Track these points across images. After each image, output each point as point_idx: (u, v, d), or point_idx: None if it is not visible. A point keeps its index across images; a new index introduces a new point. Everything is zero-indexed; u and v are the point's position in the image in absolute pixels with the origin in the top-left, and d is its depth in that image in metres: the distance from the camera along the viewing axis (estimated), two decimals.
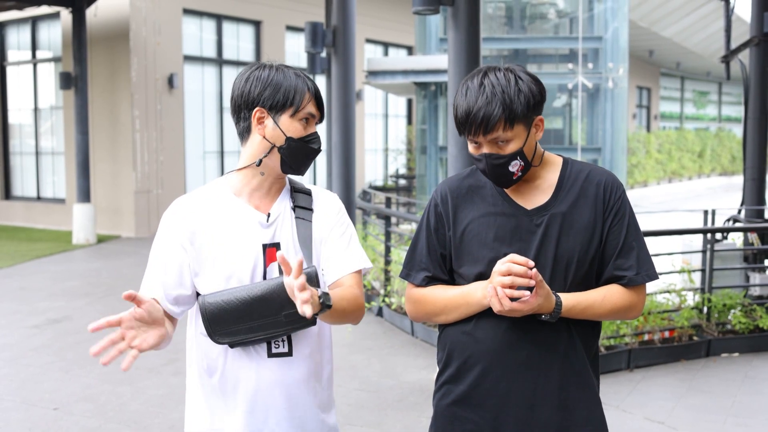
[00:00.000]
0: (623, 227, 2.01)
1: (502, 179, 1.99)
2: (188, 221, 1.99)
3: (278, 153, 1.99)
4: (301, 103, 1.98)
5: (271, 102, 1.97)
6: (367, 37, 18.74)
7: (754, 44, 7.55)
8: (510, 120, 1.92)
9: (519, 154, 1.95)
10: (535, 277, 1.84)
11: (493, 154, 1.95)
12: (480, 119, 1.91)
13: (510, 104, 1.91)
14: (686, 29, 24.54)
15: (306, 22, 8.78)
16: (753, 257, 7.17)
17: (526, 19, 15.25)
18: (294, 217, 2.04)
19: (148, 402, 5.12)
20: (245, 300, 1.91)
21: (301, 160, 2.01)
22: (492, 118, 1.91)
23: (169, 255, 1.98)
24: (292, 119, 1.98)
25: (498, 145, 1.95)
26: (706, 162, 29.93)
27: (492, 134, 1.93)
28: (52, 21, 14.61)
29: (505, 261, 1.87)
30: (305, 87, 2.00)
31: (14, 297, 8.44)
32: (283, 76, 1.99)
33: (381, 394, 5.28)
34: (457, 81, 5.42)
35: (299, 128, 1.99)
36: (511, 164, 1.95)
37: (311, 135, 2.01)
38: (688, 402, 5.11)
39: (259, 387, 1.97)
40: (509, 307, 1.86)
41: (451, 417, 2.05)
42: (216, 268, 1.96)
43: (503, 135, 1.93)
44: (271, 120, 1.98)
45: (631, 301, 2.01)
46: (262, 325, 1.92)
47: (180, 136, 14.09)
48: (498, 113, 1.90)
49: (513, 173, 1.97)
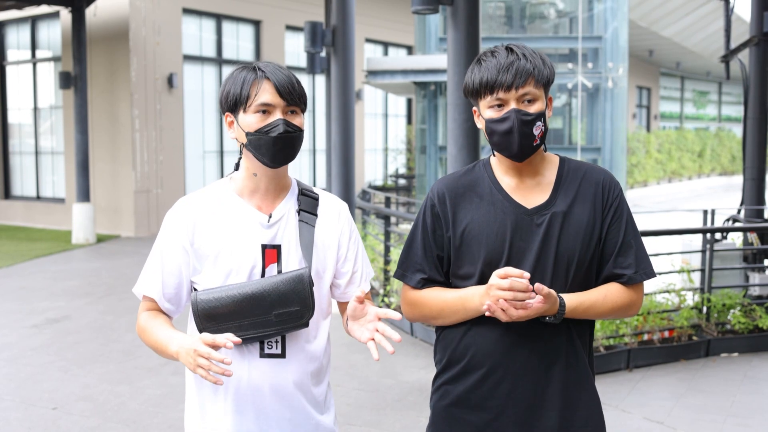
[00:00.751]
0: (622, 226, 2.02)
1: (524, 141, 1.95)
2: (190, 221, 1.99)
3: (248, 150, 1.99)
4: (250, 96, 1.95)
5: (229, 104, 1.99)
6: (366, 37, 18.74)
7: (754, 44, 7.54)
8: (539, 78, 1.95)
9: (542, 116, 1.96)
10: (540, 290, 1.84)
11: (521, 110, 1.94)
12: (515, 71, 1.93)
13: (541, 63, 1.97)
14: (686, 29, 24.53)
15: (305, 21, 8.78)
16: (752, 257, 7.17)
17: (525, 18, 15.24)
18: (298, 220, 2.03)
19: (147, 401, 5.12)
20: (236, 298, 1.91)
21: (272, 152, 1.96)
22: (527, 71, 1.93)
23: (170, 255, 2.00)
24: (246, 114, 1.97)
25: (525, 103, 1.95)
26: (705, 162, 29.92)
27: (524, 88, 1.94)
28: (52, 20, 14.61)
29: (502, 274, 1.86)
30: (253, 78, 1.96)
31: (14, 297, 8.44)
32: (240, 74, 1.98)
33: (380, 393, 5.28)
34: (457, 81, 5.42)
35: (254, 121, 1.96)
36: (536, 125, 1.95)
37: (269, 124, 1.95)
38: (687, 402, 5.10)
39: (250, 387, 1.98)
40: (517, 316, 1.87)
41: (450, 418, 2.05)
42: (216, 267, 1.97)
43: (533, 91, 1.94)
44: (235, 121, 2.00)
45: (631, 299, 2.02)
46: (252, 324, 1.92)
47: (179, 135, 14.09)
48: (531, 67, 1.94)
49: (535, 137, 1.96)
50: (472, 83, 1.99)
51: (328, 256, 2.07)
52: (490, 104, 1.97)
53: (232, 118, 2.00)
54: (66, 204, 14.30)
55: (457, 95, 5.42)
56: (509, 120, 1.93)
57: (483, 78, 1.95)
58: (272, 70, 1.97)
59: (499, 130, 1.95)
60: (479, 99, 1.99)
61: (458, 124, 5.42)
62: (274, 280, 1.93)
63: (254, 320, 1.92)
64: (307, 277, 1.94)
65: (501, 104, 1.95)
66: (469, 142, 5.42)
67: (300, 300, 1.94)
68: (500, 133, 1.95)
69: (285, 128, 1.95)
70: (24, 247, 11.90)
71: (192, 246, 1.98)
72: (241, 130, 1.97)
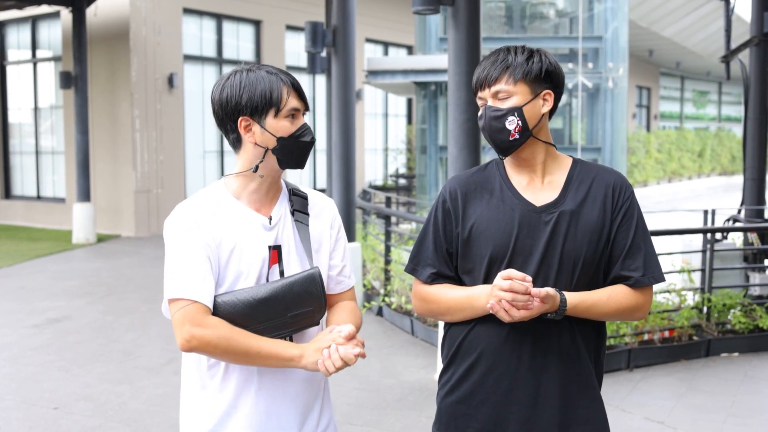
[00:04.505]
0: (631, 228, 2.02)
1: (499, 136, 2.02)
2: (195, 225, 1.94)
3: (273, 155, 1.97)
4: (281, 101, 1.95)
5: (252, 107, 1.94)
6: (367, 37, 18.74)
7: (754, 44, 7.54)
8: (513, 74, 2.00)
9: (517, 110, 2.00)
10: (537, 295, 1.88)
11: (492, 106, 2.02)
12: (487, 69, 2.02)
13: (515, 59, 2.01)
14: (686, 29, 24.53)
15: (306, 21, 8.78)
16: (753, 257, 7.17)
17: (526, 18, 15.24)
18: (293, 220, 2.04)
19: (147, 401, 5.12)
20: (250, 303, 1.90)
21: (298, 156, 1.99)
22: (500, 68, 2.01)
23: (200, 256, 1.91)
24: (276, 119, 1.96)
25: (499, 99, 2.02)
26: (706, 162, 29.91)
27: (496, 85, 2.00)
28: (52, 20, 14.61)
29: (506, 275, 1.90)
30: (281, 83, 1.96)
31: (14, 296, 8.44)
32: (256, 78, 1.96)
33: (381, 393, 5.28)
34: (458, 81, 5.42)
35: (287, 126, 1.96)
36: (508, 119, 2.00)
37: (300, 129, 1.98)
38: (687, 402, 5.11)
39: (261, 387, 1.98)
40: (519, 316, 1.90)
41: (455, 414, 2.07)
42: (226, 270, 1.95)
43: (505, 87, 2.00)
44: (258, 125, 1.96)
45: (637, 302, 2.02)
46: (267, 328, 1.92)
47: (180, 135, 14.09)
48: (503, 64, 2.01)
49: (510, 132, 2.00)
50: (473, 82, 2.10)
51: (322, 252, 2.09)
52: (479, 100, 2.07)
53: (250, 122, 1.96)
54: (66, 204, 14.30)
55: (457, 95, 5.42)
56: (482, 117, 2.04)
57: (474, 77, 2.07)
58: (286, 74, 1.99)
59: (481, 127, 2.06)
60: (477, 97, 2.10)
61: (459, 124, 5.42)
62: (286, 281, 1.92)
63: (270, 324, 1.91)
64: (319, 276, 1.95)
65: (484, 102, 2.05)
66: (470, 142, 5.42)
67: (314, 300, 1.94)
68: (481, 127, 2.06)
69: (311, 133, 2.01)
70: (24, 247, 11.91)
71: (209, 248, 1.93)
72: (270, 134, 1.95)
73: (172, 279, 1.90)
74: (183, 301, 1.87)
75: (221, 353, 1.88)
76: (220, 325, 1.87)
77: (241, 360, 1.89)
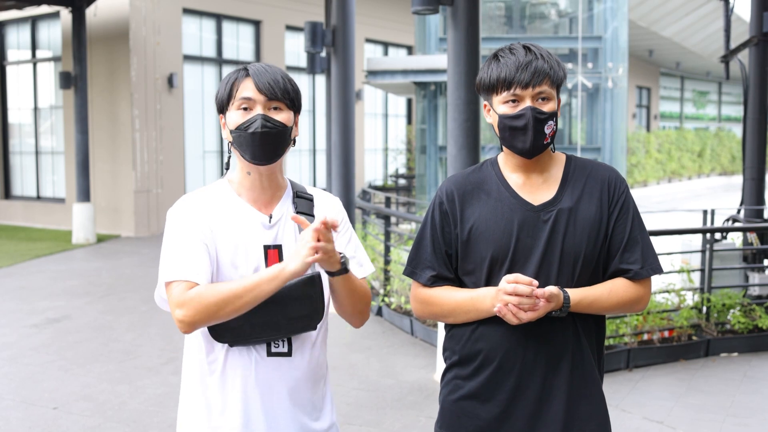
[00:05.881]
0: (628, 221, 2.05)
1: (537, 138, 1.99)
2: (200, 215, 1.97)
3: (234, 148, 1.98)
4: (233, 93, 1.96)
5: (219, 104, 2.00)
6: (366, 37, 18.74)
7: (754, 44, 7.54)
8: (554, 79, 2.00)
9: (554, 115, 2.01)
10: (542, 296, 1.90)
11: (536, 107, 1.99)
12: (534, 69, 1.97)
13: (556, 65, 2.01)
14: (686, 29, 24.54)
15: (306, 21, 8.79)
16: (752, 257, 7.17)
17: (525, 18, 15.25)
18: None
19: (147, 401, 5.12)
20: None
21: (252, 148, 1.94)
22: (544, 70, 1.97)
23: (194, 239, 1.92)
24: (231, 112, 1.97)
25: (539, 101, 2.00)
26: (705, 162, 29.93)
27: (540, 87, 1.98)
28: (52, 20, 14.61)
29: (511, 279, 1.92)
30: (240, 74, 1.97)
31: (14, 296, 8.45)
32: (228, 74, 2.00)
33: (380, 393, 5.28)
34: (457, 81, 5.42)
35: (237, 118, 1.95)
36: (548, 124, 2.00)
37: (247, 120, 1.93)
38: (687, 401, 5.11)
39: (258, 385, 1.98)
40: (527, 318, 1.92)
41: (459, 412, 2.08)
42: (219, 266, 1.95)
43: (548, 90, 1.99)
44: (224, 120, 2.00)
45: (638, 294, 2.04)
46: (263, 328, 1.91)
47: (180, 135, 14.10)
48: (548, 67, 1.99)
49: (546, 135, 2.00)
50: (488, 78, 2.02)
51: None
52: (505, 100, 2.00)
53: (222, 117, 2.01)
54: (66, 204, 14.31)
55: (457, 95, 5.43)
56: (524, 117, 1.98)
57: (501, 74, 1.99)
58: (257, 68, 1.96)
59: (513, 126, 1.99)
60: (494, 94, 2.03)
61: (458, 124, 5.42)
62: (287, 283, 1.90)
63: (266, 325, 1.90)
64: (319, 280, 1.93)
65: (516, 100, 1.99)
66: (469, 141, 5.42)
67: (311, 304, 1.93)
68: (514, 129, 2.00)
69: (263, 123, 1.91)
70: (24, 247, 11.91)
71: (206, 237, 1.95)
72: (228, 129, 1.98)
73: (166, 263, 1.92)
74: (174, 283, 1.88)
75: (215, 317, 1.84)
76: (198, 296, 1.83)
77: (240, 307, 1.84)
